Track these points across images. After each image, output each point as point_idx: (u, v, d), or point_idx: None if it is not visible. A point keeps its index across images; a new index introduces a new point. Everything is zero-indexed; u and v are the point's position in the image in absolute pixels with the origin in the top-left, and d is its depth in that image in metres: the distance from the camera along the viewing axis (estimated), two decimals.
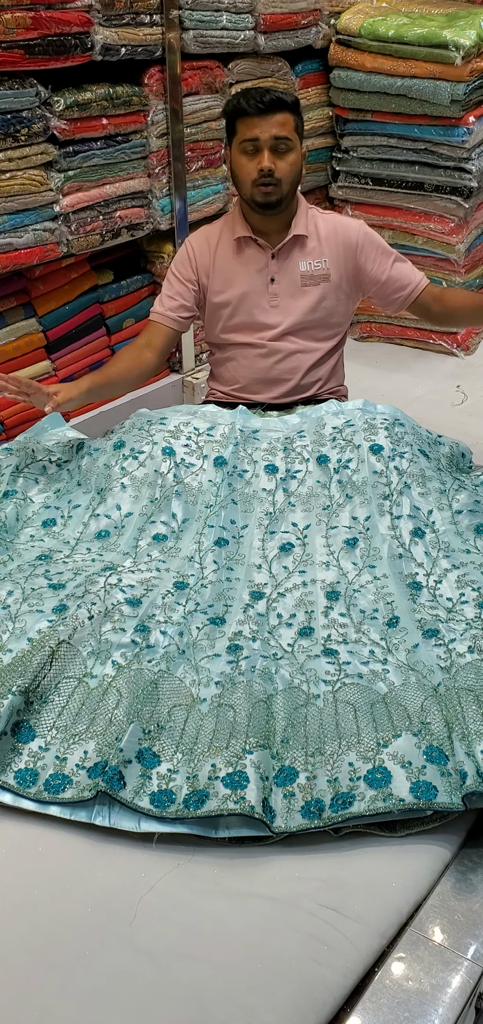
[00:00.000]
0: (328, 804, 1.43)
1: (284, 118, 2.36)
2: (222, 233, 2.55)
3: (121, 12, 2.83)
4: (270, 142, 2.35)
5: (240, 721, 1.56)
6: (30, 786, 1.49)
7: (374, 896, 1.34)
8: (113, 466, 2.25)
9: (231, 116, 2.42)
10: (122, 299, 3.21)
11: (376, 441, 2.20)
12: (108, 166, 2.95)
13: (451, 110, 3.46)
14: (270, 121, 2.35)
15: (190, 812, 1.43)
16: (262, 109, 2.34)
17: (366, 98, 3.67)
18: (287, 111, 2.36)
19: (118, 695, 1.62)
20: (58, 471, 2.33)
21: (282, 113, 2.36)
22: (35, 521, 2.20)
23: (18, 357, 2.90)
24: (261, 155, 2.37)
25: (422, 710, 1.55)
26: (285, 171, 2.38)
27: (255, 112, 2.35)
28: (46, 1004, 1.22)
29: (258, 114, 2.35)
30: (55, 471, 2.32)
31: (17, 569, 1.97)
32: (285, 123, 2.36)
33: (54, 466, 2.33)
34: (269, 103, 2.34)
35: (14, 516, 2.18)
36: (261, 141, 2.36)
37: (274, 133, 2.35)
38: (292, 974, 1.24)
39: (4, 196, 2.65)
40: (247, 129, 2.37)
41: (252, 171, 2.38)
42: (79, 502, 2.23)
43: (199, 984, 1.23)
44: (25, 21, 2.56)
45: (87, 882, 1.39)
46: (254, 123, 2.36)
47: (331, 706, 1.59)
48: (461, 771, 1.43)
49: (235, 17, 3.21)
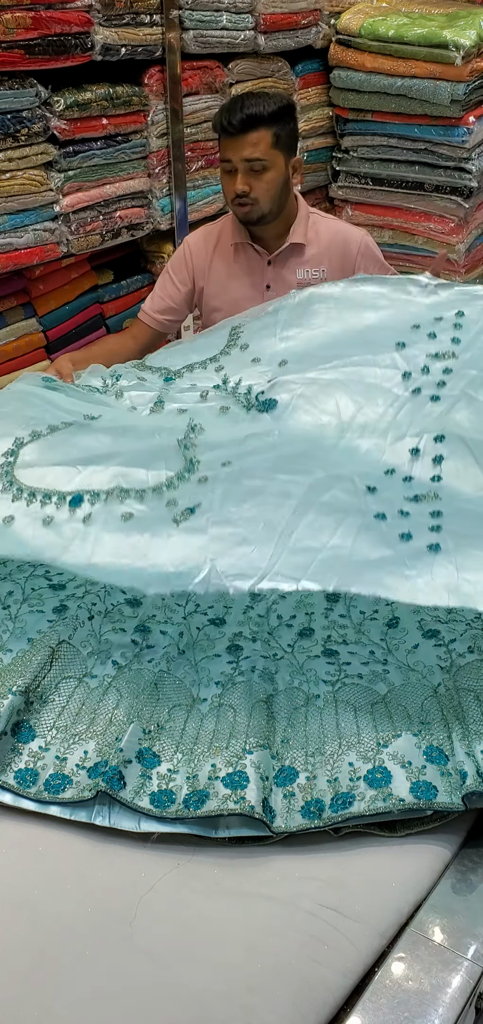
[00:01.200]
0: (328, 804, 1.43)
1: (258, 136, 2.30)
2: (221, 236, 2.54)
3: (121, 12, 2.83)
4: (242, 164, 2.32)
5: (240, 721, 1.56)
6: (30, 786, 1.49)
7: (374, 896, 1.34)
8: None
9: (215, 131, 2.40)
10: (122, 299, 3.22)
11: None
12: (108, 166, 2.95)
13: (451, 110, 3.46)
14: (242, 143, 2.30)
15: (190, 812, 1.43)
16: (233, 131, 2.30)
17: (366, 98, 3.68)
18: (263, 127, 2.30)
19: (118, 695, 1.62)
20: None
21: (256, 131, 2.30)
22: None
23: (18, 357, 2.90)
24: (236, 176, 2.34)
25: (422, 710, 1.55)
26: (261, 191, 2.35)
27: (228, 133, 2.31)
28: (46, 1004, 1.21)
29: (230, 136, 2.32)
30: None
31: (17, 569, 1.97)
32: (259, 142, 2.31)
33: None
34: (240, 124, 2.29)
35: None
36: (233, 163, 2.34)
37: (245, 155, 2.31)
38: (292, 974, 1.24)
39: (4, 196, 2.65)
40: (223, 149, 2.36)
41: (230, 191, 2.38)
42: None
43: (199, 984, 1.23)
44: (25, 21, 2.56)
45: (87, 882, 1.39)
46: (227, 144, 2.34)
47: (331, 706, 1.59)
48: (461, 771, 1.43)
49: (235, 17, 3.21)
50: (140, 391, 2.17)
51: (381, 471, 1.82)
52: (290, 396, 2.03)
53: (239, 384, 2.13)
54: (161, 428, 1.97)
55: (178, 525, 1.67)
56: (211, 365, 2.24)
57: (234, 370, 2.18)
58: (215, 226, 2.60)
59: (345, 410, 1.96)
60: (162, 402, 2.12)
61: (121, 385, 2.20)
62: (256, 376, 2.14)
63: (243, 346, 2.27)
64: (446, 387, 1.99)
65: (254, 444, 1.89)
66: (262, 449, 1.87)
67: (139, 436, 1.95)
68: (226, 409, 2.04)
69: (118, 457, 1.89)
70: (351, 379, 2.04)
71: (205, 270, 2.53)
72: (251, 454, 1.86)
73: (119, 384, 2.22)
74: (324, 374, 2.06)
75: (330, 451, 1.85)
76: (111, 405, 2.13)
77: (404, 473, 1.81)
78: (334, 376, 2.05)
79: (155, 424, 2.02)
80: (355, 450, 1.87)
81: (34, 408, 2.06)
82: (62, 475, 1.88)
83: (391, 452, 1.85)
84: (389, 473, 1.81)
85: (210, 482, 1.75)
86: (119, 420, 2.04)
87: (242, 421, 2.00)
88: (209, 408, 2.06)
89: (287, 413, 1.98)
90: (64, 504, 1.80)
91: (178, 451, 1.88)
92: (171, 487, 1.76)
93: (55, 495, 1.82)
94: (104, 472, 1.85)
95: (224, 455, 1.86)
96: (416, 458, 1.84)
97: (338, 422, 1.95)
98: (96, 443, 1.94)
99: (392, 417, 1.94)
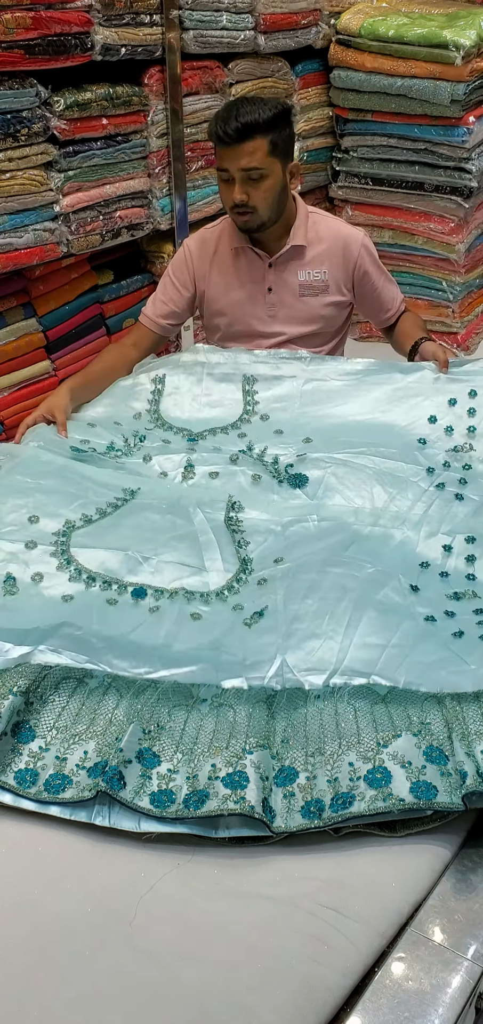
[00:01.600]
0: (328, 804, 1.43)
1: (255, 145, 2.27)
2: (220, 239, 2.52)
3: (121, 12, 2.83)
4: (239, 174, 2.29)
5: (240, 721, 1.56)
6: (30, 786, 1.49)
7: (374, 896, 1.34)
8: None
9: (211, 139, 2.36)
10: (122, 299, 3.21)
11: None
12: (108, 166, 2.95)
13: (451, 110, 3.46)
14: (238, 152, 2.27)
15: (190, 812, 1.43)
16: (229, 140, 2.26)
17: (366, 98, 3.67)
18: (259, 135, 2.26)
19: (118, 695, 1.62)
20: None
21: (252, 140, 2.26)
22: None
23: (18, 357, 2.90)
24: (234, 186, 2.32)
25: (422, 710, 1.55)
26: (259, 199, 2.33)
27: (224, 143, 2.28)
28: (46, 1004, 1.22)
29: (226, 145, 2.28)
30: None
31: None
32: (256, 150, 2.28)
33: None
34: (235, 133, 2.25)
35: None
36: (230, 172, 2.30)
37: (242, 165, 2.28)
38: (292, 974, 1.24)
39: (4, 196, 2.65)
40: (220, 159, 2.33)
41: (228, 200, 2.35)
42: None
43: (199, 984, 1.23)
44: (25, 21, 2.56)
45: (87, 882, 1.39)
46: (224, 154, 2.30)
47: (331, 706, 1.59)
48: (461, 771, 1.43)
49: (235, 17, 3.21)
50: (166, 454, 2.19)
51: (417, 563, 1.89)
52: (321, 474, 2.09)
53: (265, 452, 2.18)
54: (202, 502, 2.01)
55: (250, 628, 1.71)
56: (233, 432, 2.26)
57: (258, 439, 2.23)
58: (214, 229, 2.57)
59: (378, 497, 2.03)
60: (192, 465, 2.15)
61: (146, 449, 2.22)
62: (281, 447, 2.19)
63: (264, 416, 2.30)
64: (468, 486, 2.10)
65: (297, 532, 1.94)
66: (307, 538, 1.92)
67: (185, 514, 1.98)
68: (258, 478, 2.10)
69: (173, 551, 1.90)
70: (379, 468, 2.11)
71: (206, 274, 2.51)
72: (298, 544, 1.91)
73: (143, 446, 2.23)
74: (354, 458, 2.13)
75: (368, 540, 1.92)
76: (143, 473, 2.14)
77: (439, 568, 1.89)
78: (363, 462, 2.12)
79: (195, 495, 2.05)
80: (390, 538, 1.94)
81: (75, 485, 2.05)
82: (123, 562, 1.87)
83: (424, 546, 1.93)
84: (424, 566, 1.88)
85: (270, 583, 1.80)
86: (158, 491, 2.07)
87: (276, 495, 2.06)
88: (242, 473, 2.11)
89: (321, 491, 2.05)
90: (126, 593, 1.80)
91: (227, 537, 1.93)
92: (233, 591, 1.81)
93: (115, 583, 1.82)
94: (164, 571, 1.85)
95: (272, 547, 1.91)
96: (449, 554, 1.92)
97: (372, 507, 2.02)
98: (147, 523, 1.96)
99: (422, 511, 2.02)
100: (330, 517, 1.97)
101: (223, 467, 2.14)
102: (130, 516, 1.98)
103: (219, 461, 2.16)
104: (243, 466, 2.14)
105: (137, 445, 2.23)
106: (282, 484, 2.09)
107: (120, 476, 2.11)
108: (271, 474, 2.12)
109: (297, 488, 2.07)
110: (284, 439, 2.22)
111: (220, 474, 2.12)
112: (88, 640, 1.67)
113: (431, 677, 1.61)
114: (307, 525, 1.96)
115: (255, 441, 2.22)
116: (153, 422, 2.32)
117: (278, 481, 2.10)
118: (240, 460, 2.16)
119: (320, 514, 1.99)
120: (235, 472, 2.12)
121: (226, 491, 2.06)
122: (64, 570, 1.84)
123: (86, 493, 2.03)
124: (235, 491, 2.06)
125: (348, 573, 1.80)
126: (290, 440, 2.21)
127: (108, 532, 1.94)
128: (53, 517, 1.96)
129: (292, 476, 2.09)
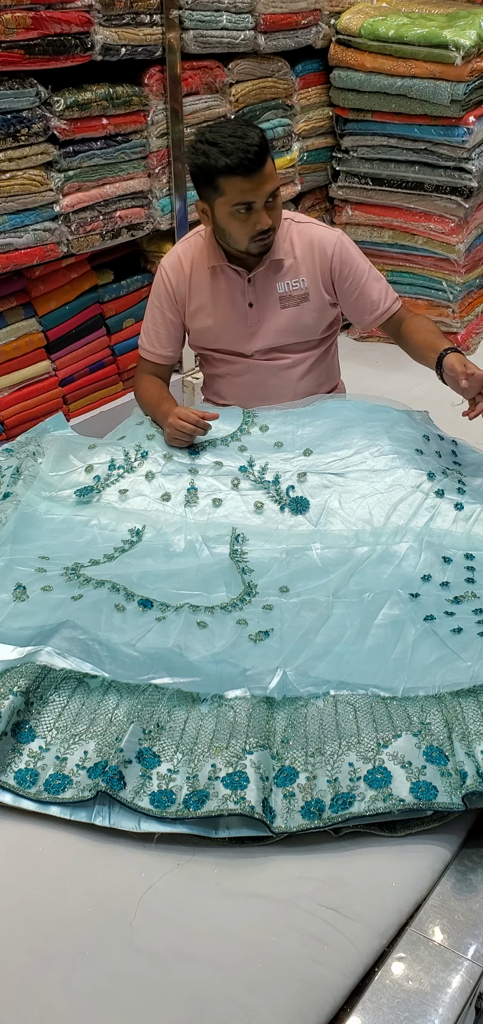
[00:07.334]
0: (328, 804, 1.43)
1: (270, 165, 2.18)
2: (194, 258, 2.42)
3: (121, 12, 2.83)
4: (265, 200, 2.20)
5: (240, 721, 1.56)
6: (30, 786, 1.49)
7: (374, 896, 1.35)
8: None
9: (211, 172, 2.18)
10: (122, 299, 3.21)
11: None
12: (108, 166, 2.95)
13: (451, 110, 3.46)
14: (261, 177, 2.16)
15: (190, 812, 1.43)
16: (251, 167, 2.13)
17: (366, 98, 3.67)
18: (268, 153, 2.17)
19: (118, 695, 1.62)
20: None
21: (268, 160, 2.17)
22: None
23: (18, 357, 2.90)
24: (258, 215, 2.20)
25: (422, 710, 1.55)
26: (276, 217, 2.27)
27: (245, 172, 2.13)
28: (46, 1004, 1.22)
29: (248, 174, 2.13)
30: None
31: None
32: (272, 169, 2.19)
33: None
34: (257, 156, 2.13)
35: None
36: (256, 203, 2.18)
37: (269, 189, 2.18)
38: (292, 974, 1.24)
39: (4, 196, 2.65)
40: (237, 193, 2.16)
41: (249, 230, 2.23)
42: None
43: (199, 984, 1.23)
44: (25, 21, 2.56)
45: (87, 882, 1.39)
46: (245, 185, 2.15)
47: (331, 706, 1.59)
48: (461, 771, 1.43)
49: (235, 17, 3.21)
50: (169, 474, 2.22)
51: (418, 576, 1.92)
52: (322, 500, 2.12)
53: (265, 470, 2.20)
54: (207, 538, 2.05)
55: (256, 644, 1.75)
56: (233, 443, 2.27)
57: (258, 452, 2.25)
58: (187, 248, 2.46)
59: (377, 517, 2.06)
60: (195, 489, 2.17)
61: (149, 468, 2.23)
62: (281, 461, 2.21)
63: (262, 427, 2.31)
64: (466, 494, 2.13)
65: (301, 562, 1.98)
66: (311, 569, 1.96)
67: (191, 550, 2.03)
68: (261, 506, 2.13)
69: (177, 578, 1.95)
70: (378, 484, 2.13)
71: (185, 295, 2.44)
72: (302, 575, 1.95)
73: (146, 463, 2.24)
74: (354, 468, 2.17)
75: (370, 565, 1.95)
76: (146, 497, 2.17)
77: (440, 580, 1.91)
78: (361, 473, 2.16)
79: (199, 531, 2.08)
80: (392, 556, 1.97)
81: (79, 534, 2.10)
82: (130, 580, 1.91)
83: (425, 557, 1.96)
84: (426, 579, 1.91)
85: (276, 610, 1.84)
86: (162, 528, 2.09)
87: (279, 526, 2.09)
88: (244, 502, 2.14)
89: (323, 518, 2.08)
90: (133, 601, 1.84)
91: (233, 568, 1.97)
92: (237, 608, 1.85)
93: (124, 590, 1.86)
94: (171, 596, 1.89)
95: (276, 575, 1.95)
96: (448, 565, 1.95)
97: (372, 528, 2.05)
98: (154, 565, 1.99)
99: (424, 523, 2.04)
100: (333, 545, 2.01)
101: (225, 493, 2.16)
102: (136, 560, 2.01)
103: (221, 487, 2.18)
104: (245, 492, 2.16)
105: (139, 461, 2.25)
106: (284, 511, 2.11)
107: (124, 517, 2.13)
108: (273, 499, 2.14)
109: (299, 514, 2.10)
110: (284, 452, 2.23)
111: (223, 502, 2.14)
112: (93, 646, 1.69)
113: (429, 678, 1.63)
114: (311, 555, 2.00)
115: (255, 456, 2.23)
116: (155, 430, 2.34)
117: (280, 508, 2.12)
118: (241, 484, 2.18)
119: (323, 542, 2.02)
120: (237, 501, 2.15)
121: (229, 524, 2.09)
122: (73, 580, 1.89)
123: (95, 541, 2.07)
124: (238, 522, 2.10)
125: (351, 602, 1.84)
126: (289, 453, 2.23)
127: (116, 569, 1.98)
128: (63, 561, 1.99)
129: (293, 500, 2.12)
